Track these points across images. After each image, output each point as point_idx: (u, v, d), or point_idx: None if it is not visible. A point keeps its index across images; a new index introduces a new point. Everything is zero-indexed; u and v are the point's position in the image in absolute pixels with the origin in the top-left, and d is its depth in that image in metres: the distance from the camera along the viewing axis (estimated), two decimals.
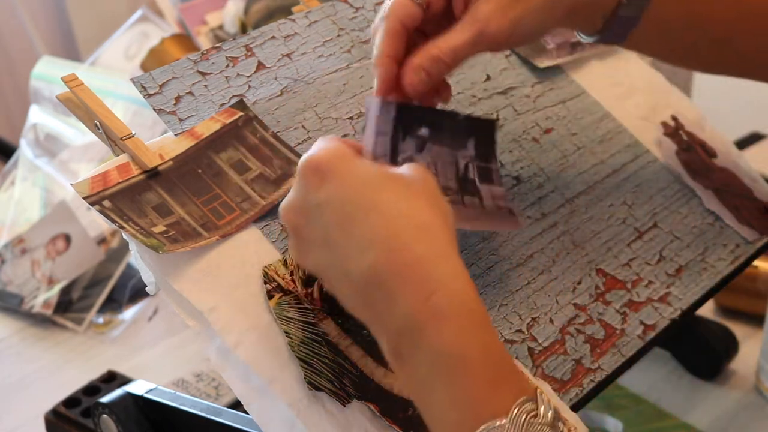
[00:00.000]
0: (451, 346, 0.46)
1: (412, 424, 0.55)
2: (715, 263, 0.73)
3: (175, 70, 0.65)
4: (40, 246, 1.09)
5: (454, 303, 0.46)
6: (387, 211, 0.48)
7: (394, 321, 0.47)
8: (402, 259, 0.47)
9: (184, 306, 0.56)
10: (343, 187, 0.50)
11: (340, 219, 0.49)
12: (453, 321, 0.46)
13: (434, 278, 0.47)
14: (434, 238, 0.48)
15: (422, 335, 0.46)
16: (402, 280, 0.47)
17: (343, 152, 0.51)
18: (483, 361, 0.46)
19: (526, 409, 0.44)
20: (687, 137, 0.82)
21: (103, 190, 0.57)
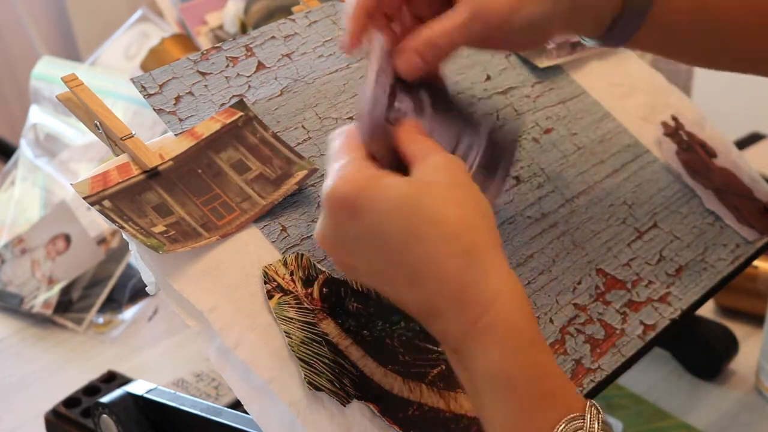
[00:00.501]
0: (497, 368, 0.47)
1: (412, 424, 0.55)
2: (715, 263, 0.73)
3: (175, 70, 0.65)
4: (40, 246, 1.09)
5: (499, 325, 0.47)
6: (428, 237, 0.48)
7: (451, 341, 0.49)
8: (449, 287, 0.48)
9: (184, 306, 0.56)
10: (378, 218, 0.48)
11: (382, 254, 0.49)
12: (498, 343, 0.47)
13: (480, 302, 0.47)
14: (480, 254, 0.48)
15: (472, 355, 0.48)
16: (451, 306, 0.48)
17: (365, 178, 0.49)
18: (527, 381, 0.47)
19: (573, 427, 0.45)
20: (687, 137, 0.82)
21: (103, 190, 0.57)
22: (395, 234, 0.48)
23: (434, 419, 0.56)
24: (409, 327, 0.59)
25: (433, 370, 0.58)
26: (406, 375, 0.57)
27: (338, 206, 0.49)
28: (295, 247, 0.60)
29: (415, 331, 0.59)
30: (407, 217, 0.48)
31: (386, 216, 0.48)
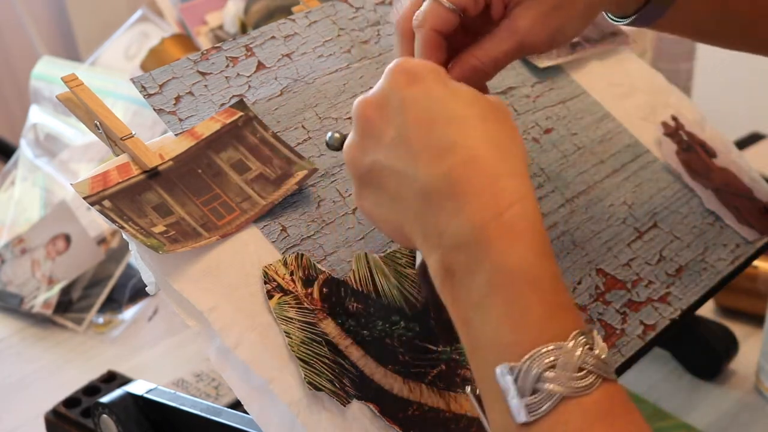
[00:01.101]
0: (520, 263, 0.45)
1: (412, 424, 0.55)
2: (715, 263, 0.73)
3: (175, 70, 0.65)
4: (40, 246, 1.09)
5: (527, 222, 0.46)
6: (472, 124, 0.48)
7: (456, 233, 0.46)
8: (480, 171, 0.46)
9: (184, 306, 0.56)
10: (434, 90, 0.49)
11: (422, 119, 0.48)
12: (525, 239, 0.45)
13: (510, 195, 0.46)
14: (514, 159, 0.48)
15: (489, 250, 0.45)
16: (476, 192, 0.46)
17: (437, 67, 0.51)
18: (548, 284, 0.45)
19: (582, 342, 0.44)
20: (687, 137, 0.82)
21: (103, 190, 0.57)
22: (444, 107, 0.48)
23: (434, 419, 0.56)
24: (409, 327, 0.59)
25: (433, 370, 0.58)
26: (406, 375, 0.57)
27: (402, 71, 0.50)
28: (295, 247, 0.60)
29: (415, 331, 0.59)
30: (462, 104, 0.49)
31: (442, 93, 0.49)
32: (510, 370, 0.43)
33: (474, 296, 0.46)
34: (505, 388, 0.44)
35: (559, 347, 0.43)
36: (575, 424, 0.43)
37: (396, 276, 0.61)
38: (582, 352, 0.43)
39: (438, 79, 0.50)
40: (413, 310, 0.60)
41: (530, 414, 0.43)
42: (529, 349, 0.43)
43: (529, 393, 0.43)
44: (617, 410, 0.44)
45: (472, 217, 0.46)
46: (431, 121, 0.48)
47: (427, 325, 0.59)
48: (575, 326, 0.44)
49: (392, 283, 0.60)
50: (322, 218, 0.62)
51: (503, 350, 0.44)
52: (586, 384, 0.43)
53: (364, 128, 0.51)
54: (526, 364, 0.43)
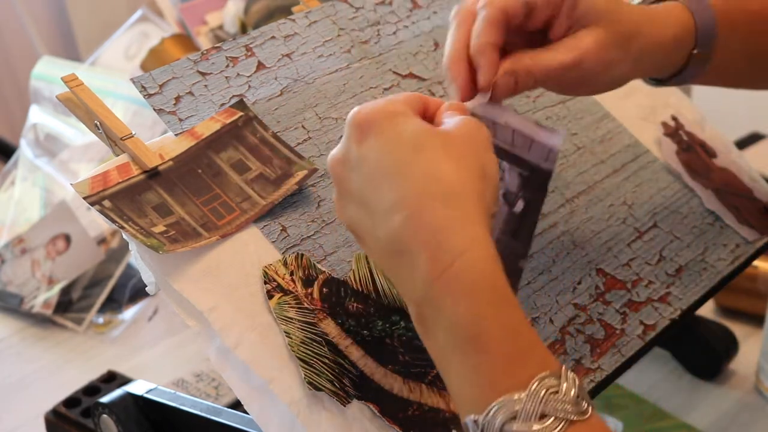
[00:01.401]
0: (466, 321, 0.45)
1: (412, 424, 0.55)
2: (715, 263, 0.73)
3: (175, 70, 0.65)
4: (40, 246, 1.09)
5: (470, 276, 0.46)
6: (418, 172, 0.48)
7: (416, 289, 0.47)
8: (424, 224, 0.47)
9: (184, 306, 0.56)
10: (382, 143, 0.49)
11: (373, 177, 0.49)
12: (468, 295, 0.46)
13: (454, 247, 0.46)
14: (462, 203, 0.47)
15: (440, 306, 0.46)
16: (423, 247, 0.46)
17: (392, 109, 0.50)
18: (500, 336, 0.45)
19: (546, 384, 0.44)
20: (687, 137, 0.82)
21: (103, 190, 0.57)
22: (392, 160, 0.49)
23: (434, 419, 0.56)
24: (409, 327, 0.59)
25: (433, 370, 0.58)
26: (406, 375, 0.57)
27: (355, 125, 0.50)
28: (295, 247, 0.60)
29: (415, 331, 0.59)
30: (409, 151, 0.49)
31: (389, 145, 0.49)
32: (475, 424, 0.45)
33: (440, 351, 0.47)
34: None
35: (519, 398, 0.44)
36: None
37: None
38: (544, 396, 0.44)
39: (387, 127, 0.50)
40: None
41: None
42: (490, 402, 0.44)
43: None
44: None
45: (422, 274, 0.46)
46: (382, 177, 0.49)
47: None
48: (538, 369, 0.44)
49: (392, 283, 0.60)
50: (322, 218, 0.62)
51: (469, 404, 0.46)
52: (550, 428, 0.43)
53: (337, 185, 0.52)
54: (489, 416, 0.44)
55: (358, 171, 0.50)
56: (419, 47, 0.74)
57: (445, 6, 0.78)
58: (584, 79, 0.59)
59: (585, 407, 0.44)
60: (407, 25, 0.75)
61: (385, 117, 0.50)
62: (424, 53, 0.74)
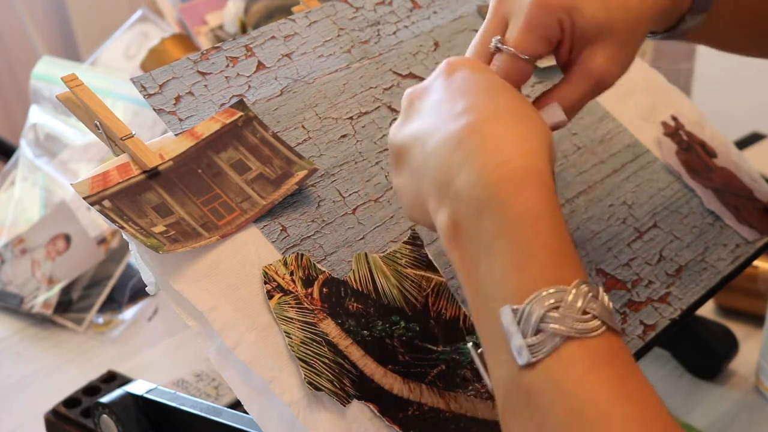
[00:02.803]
0: (526, 209, 0.45)
1: (411, 424, 0.55)
2: (715, 263, 0.73)
3: (175, 70, 0.65)
4: (40, 246, 1.09)
5: (532, 172, 0.46)
6: (496, 97, 0.50)
7: (464, 182, 0.47)
8: (492, 127, 0.48)
9: (184, 306, 0.56)
10: (470, 75, 0.52)
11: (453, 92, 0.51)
12: (531, 188, 0.46)
13: (518, 149, 0.47)
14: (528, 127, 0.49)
15: (495, 194, 0.46)
16: (487, 142, 0.47)
17: (485, 65, 0.54)
18: (554, 231, 0.45)
19: (586, 290, 0.44)
20: (687, 137, 0.82)
21: (103, 190, 0.57)
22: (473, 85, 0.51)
23: (434, 419, 0.56)
24: (409, 327, 0.59)
25: (433, 370, 0.58)
26: (406, 375, 0.57)
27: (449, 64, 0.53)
28: (295, 247, 0.60)
29: (415, 331, 0.59)
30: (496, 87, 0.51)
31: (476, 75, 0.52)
32: (513, 312, 0.43)
33: (480, 244, 0.46)
34: (507, 330, 0.43)
35: (563, 290, 0.43)
36: (578, 366, 0.42)
37: (396, 276, 0.61)
38: (586, 297, 0.43)
39: (477, 66, 0.53)
40: (413, 310, 0.60)
41: (532, 354, 0.42)
42: (533, 291, 0.43)
43: (532, 333, 0.43)
44: (621, 358, 0.43)
45: (479, 165, 0.47)
46: (460, 93, 0.50)
47: (427, 325, 0.59)
48: (579, 275, 0.44)
49: (392, 283, 0.60)
50: (322, 218, 0.62)
51: (508, 294, 0.44)
52: (590, 327, 0.43)
53: (406, 110, 0.54)
54: (530, 305, 0.43)
55: (437, 90, 0.52)
56: (419, 47, 0.74)
57: (445, 6, 0.78)
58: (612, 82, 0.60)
59: (617, 321, 0.44)
60: (407, 25, 0.75)
61: (477, 65, 0.53)
62: (424, 53, 0.74)
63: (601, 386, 0.42)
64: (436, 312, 0.60)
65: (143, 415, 0.69)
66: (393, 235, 0.63)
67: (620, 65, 0.59)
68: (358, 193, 0.64)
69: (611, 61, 0.58)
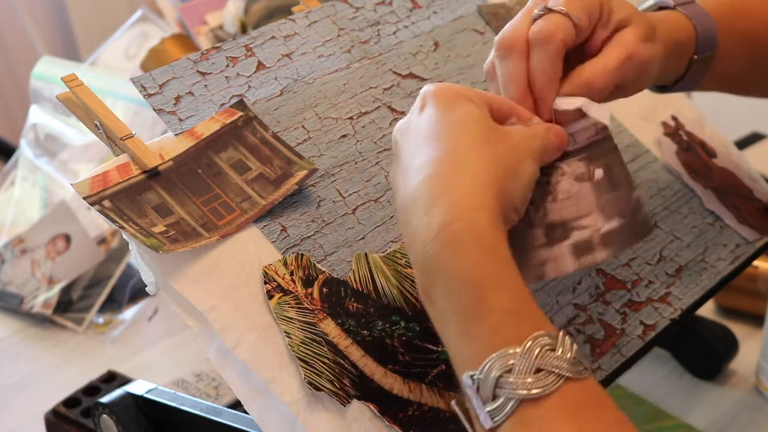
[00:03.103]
0: (465, 275, 0.46)
1: (411, 424, 0.55)
2: (715, 263, 0.73)
3: (175, 70, 0.65)
4: (40, 246, 1.09)
5: (471, 234, 0.47)
6: (449, 141, 0.50)
7: (418, 250, 0.48)
8: (442, 185, 0.49)
9: (184, 306, 0.56)
10: (434, 114, 0.52)
11: (417, 140, 0.52)
12: (470, 250, 0.46)
13: (458, 207, 0.47)
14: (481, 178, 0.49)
15: (439, 263, 0.47)
16: (431, 205, 0.48)
17: (457, 91, 0.53)
18: (498, 293, 0.46)
19: (542, 343, 0.44)
20: (687, 137, 0.82)
21: (103, 190, 0.57)
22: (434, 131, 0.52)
23: (434, 419, 0.56)
24: (409, 327, 0.59)
25: (433, 370, 0.58)
26: (406, 375, 0.57)
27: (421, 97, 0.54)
28: (295, 247, 0.60)
29: (415, 331, 0.59)
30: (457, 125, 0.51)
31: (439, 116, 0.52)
32: (471, 379, 0.45)
33: (438, 310, 0.48)
34: (469, 396, 0.45)
35: (514, 352, 0.44)
36: (535, 426, 0.43)
37: (396, 276, 0.61)
38: (540, 353, 0.44)
39: (444, 103, 0.53)
40: (413, 310, 0.60)
41: (493, 420, 0.44)
42: (485, 357, 0.44)
43: (490, 399, 0.44)
44: (583, 409, 0.44)
45: (425, 232, 0.48)
46: (422, 140, 0.52)
47: (427, 325, 0.59)
48: (535, 328, 0.45)
49: (392, 283, 0.60)
50: (322, 218, 0.62)
51: (465, 361, 0.46)
52: (544, 385, 0.43)
53: (394, 149, 0.55)
54: (484, 371, 0.44)
55: (408, 136, 0.53)
56: (419, 47, 0.74)
57: (445, 6, 0.78)
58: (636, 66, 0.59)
59: (582, 369, 0.44)
60: (407, 25, 0.75)
61: (445, 95, 0.53)
62: (424, 53, 0.74)
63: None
64: None
65: (143, 415, 0.69)
66: (393, 235, 0.63)
67: (646, 54, 0.59)
68: (358, 193, 0.64)
69: (641, 41, 0.59)
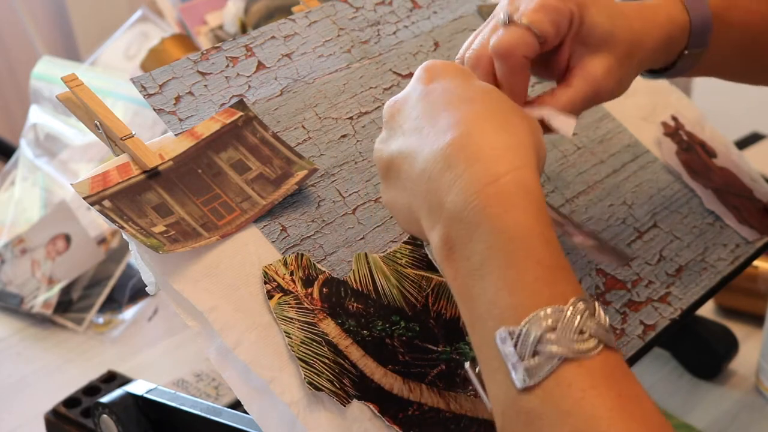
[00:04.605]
0: (515, 226, 0.45)
1: (411, 424, 0.55)
2: (715, 263, 0.73)
3: (175, 70, 0.65)
4: (40, 246, 1.09)
5: (521, 188, 0.46)
6: (477, 106, 0.50)
7: (454, 202, 0.47)
8: (477, 142, 0.47)
9: (184, 306, 0.56)
10: (449, 83, 0.52)
11: (434, 105, 0.50)
12: (520, 204, 0.46)
13: (504, 164, 0.47)
14: (515, 136, 0.48)
15: (484, 215, 0.45)
16: (473, 159, 0.47)
17: (463, 68, 0.54)
18: (545, 247, 0.45)
19: (582, 307, 0.43)
20: (687, 137, 0.82)
21: (103, 190, 0.57)
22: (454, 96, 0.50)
23: (434, 419, 0.56)
24: (409, 327, 0.59)
25: (433, 370, 0.58)
26: (406, 375, 0.57)
27: (426, 69, 0.53)
28: (295, 247, 0.60)
29: (415, 331, 0.59)
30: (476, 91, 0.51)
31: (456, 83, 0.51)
32: (509, 334, 0.43)
33: (473, 264, 0.46)
34: (505, 353, 0.43)
35: (560, 310, 0.43)
36: (577, 387, 0.42)
37: (396, 276, 0.61)
38: (583, 316, 0.43)
39: (456, 72, 0.53)
40: (413, 310, 0.60)
41: (531, 378, 0.42)
42: (529, 312, 0.43)
43: (529, 356, 0.42)
44: (619, 375, 0.43)
45: (467, 185, 0.46)
46: (442, 107, 0.50)
47: (427, 325, 0.59)
48: (575, 292, 0.44)
49: (392, 283, 0.60)
50: (322, 218, 0.62)
51: (503, 315, 0.44)
52: (587, 347, 0.42)
53: (389, 123, 0.53)
54: (526, 326, 0.43)
55: (417, 103, 0.52)
56: (419, 47, 0.74)
57: (445, 6, 0.78)
58: (601, 99, 0.61)
59: (614, 338, 0.44)
60: (407, 25, 0.75)
61: (455, 69, 0.53)
62: (424, 53, 0.74)
63: (601, 405, 0.42)
64: (436, 312, 0.60)
65: (143, 415, 0.69)
66: (393, 235, 0.63)
67: (617, 82, 0.60)
68: (358, 193, 0.64)
69: (609, 73, 0.59)
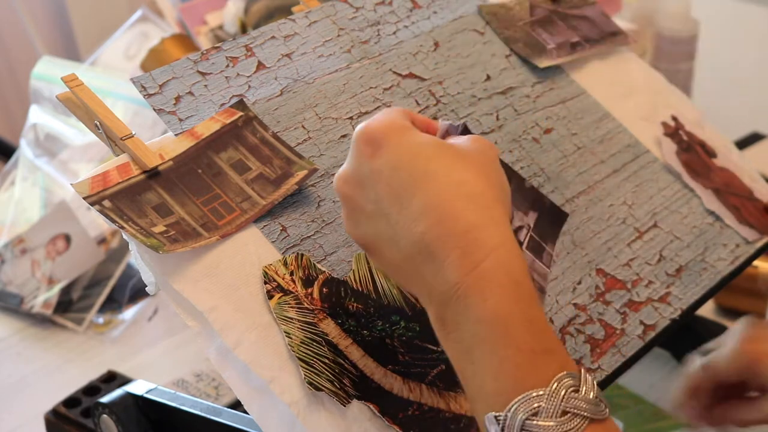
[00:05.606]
0: (494, 314, 0.46)
1: (411, 424, 0.55)
2: (715, 263, 0.73)
3: (175, 70, 0.65)
4: (40, 246, 1.09)
5: (499, 272, 0.47)
6: (438, 180, 0.49)
7: (441, 290, 0.48)
8: (451, 228, 0.48)
9: (184, 306, 0.56)
10: (396, 156, 0.50)
11: (392, 189, 0.50)
12: (497, 290, 0.46)
13: (482, 246, 0.47)
14: (484, 207, 0.48)
15: (467, 304, 0.46)
16: (450, 249, 0.47)
17: (399, 123, 0.52)
18: (525, 331, 0.46)
19: (566, 384, 0.45)
20: (687, 137, 0.82)
21: (103, 190, 0.57)
22: (409, 171, 0.49)
23: (434, 419, 0.56)
24: (409, 327, 0.59)
25: (433, 370, 0.58)
26: (406, 375, 0.57)
27: (364, 141, 0.51)
28: (295, 247, 0.60)
29: (415, 331, 0.59)
30: (425, 161, 0.50)
31: (404, 157, 0.50)
32: (496, 420, 0.45)
33: (464, 347, 0.47)
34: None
35: (541, 394, 0.44)
36: None
37: None
38: (565, 395, 0.44)
39: (398, 140, 0.51)
40: (413, 310, 0.60)
41: None
42: (512, 398, 0.44)
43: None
44: None
45: (450, 275, 0.47)
46: (402, 189, 0.49)
47: (427, 325, 0.59)
48: (559, 369, 0.45)
49: (392, 283, 0.60)
50: (322, 218, 0.62)
51: (490, 400, 0.46)
52: (571, 426, 0.44)
53: (347, 205, 0.53)
54: (510, 412, 0.44)
55: (371, 186, 0.50)
56: (419, 47, 0.74)
57: (445, 6, 0.78)
58: None
59: (603, 408, 0.45)
60: (407, 25, 0.75)
61: (393, 131, 0.51)
62: (424, 53, 0.74)
63: None
64: None
65: (143, 415, 0.69)
66: None
67: None
68: None
69: None
